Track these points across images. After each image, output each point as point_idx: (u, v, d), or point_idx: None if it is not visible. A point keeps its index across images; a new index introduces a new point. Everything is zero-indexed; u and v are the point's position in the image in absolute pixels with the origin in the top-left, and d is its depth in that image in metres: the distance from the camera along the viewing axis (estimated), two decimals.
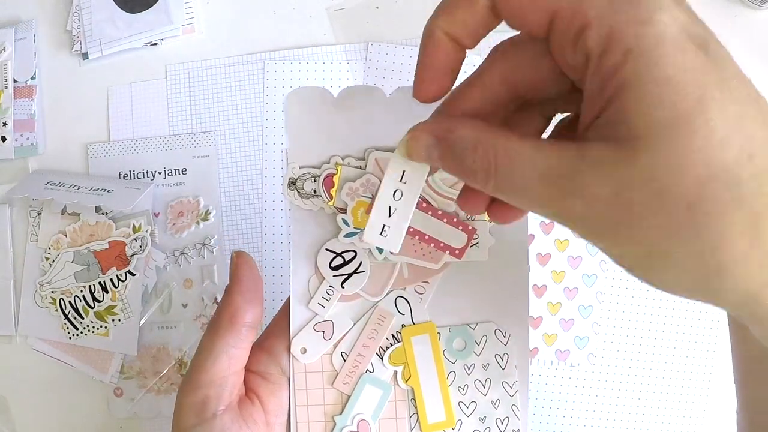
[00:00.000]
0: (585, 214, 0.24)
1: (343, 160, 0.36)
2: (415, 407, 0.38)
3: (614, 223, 0.24)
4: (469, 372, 0.38)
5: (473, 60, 0.35)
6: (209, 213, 0.61)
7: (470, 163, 0.26)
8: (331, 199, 0.36)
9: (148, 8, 0.63)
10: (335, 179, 0.36)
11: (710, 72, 0.22)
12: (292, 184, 0.36)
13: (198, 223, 0.61)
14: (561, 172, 0.24)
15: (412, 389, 0.38)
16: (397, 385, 0.38)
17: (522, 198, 0.26)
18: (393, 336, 0.38)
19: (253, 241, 0.61)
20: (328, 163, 0.36)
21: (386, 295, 0.38)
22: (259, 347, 0.39)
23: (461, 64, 0.28)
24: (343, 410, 0.38)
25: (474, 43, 0.27)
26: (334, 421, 0.38)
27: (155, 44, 0.63)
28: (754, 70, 0.63)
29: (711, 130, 0.22)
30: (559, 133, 0.30)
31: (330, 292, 0.37)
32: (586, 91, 0.25)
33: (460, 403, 0.38)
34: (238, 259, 0.38)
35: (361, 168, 0.36)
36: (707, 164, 0.22)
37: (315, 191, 0.37)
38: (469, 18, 0.26)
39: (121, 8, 0.63)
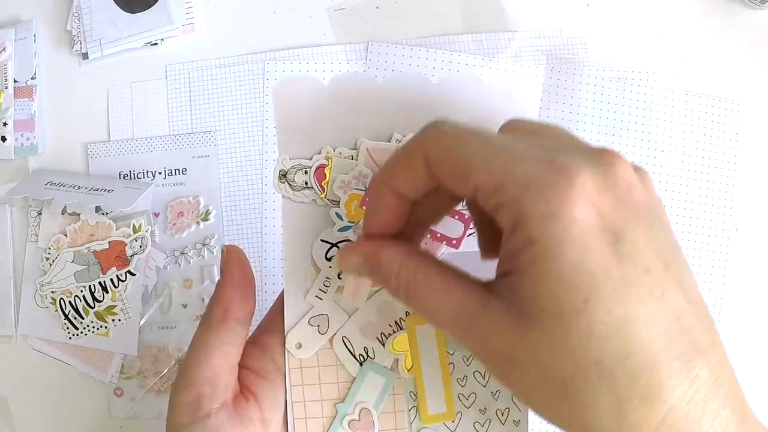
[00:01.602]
0: (482, 354, 0.28)
1: (334, 150, 0.36)
2: (415, 399, 0.37)
3: (505, 372, 0.27)
4: (467, 363, 0.37)
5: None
6: (209, 213, 0.61)
7: (394, 284, 0.30)
8: (324, 191, 0.36)
9: (148, 8, 0.63)
10: (327, 171, 0.36)
11: (611, 270, 0.24)
12: (283, 176, 0.36)
13: (198, 223, 0.61)
14: (465, 314, 0.28)
15: (413, 378, 0.37)
16: (398, 373, 0.37)
17: (433, 321, 0.30)
18: (396, 323, 0.37)
19: (254, 241, 0.61)
20: (319, 154, 0.36)
21: None
22: (252, 343, 0.38)
23: (405, 210, 0.31)
24: (344, 398, 0.37)
25: (416, 196, 0.31)
26: (335, 409, 0.37)
27: (155, 44, 0.63)
28: (755, 70, 0.63)
29: (590, 330, 0.24)
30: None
31: (327, 283, 0.37)
32: (501, 246, 0.27)
33: (460, 395, 0.37)
34: (228, 253, 0.37)
35: (352, 158, 0.36)
36: (584, 354, 0.24)
37: (306, 183, 0.36)
38: (410, 179, 0.30)
39: (121, 8, 0.63)
